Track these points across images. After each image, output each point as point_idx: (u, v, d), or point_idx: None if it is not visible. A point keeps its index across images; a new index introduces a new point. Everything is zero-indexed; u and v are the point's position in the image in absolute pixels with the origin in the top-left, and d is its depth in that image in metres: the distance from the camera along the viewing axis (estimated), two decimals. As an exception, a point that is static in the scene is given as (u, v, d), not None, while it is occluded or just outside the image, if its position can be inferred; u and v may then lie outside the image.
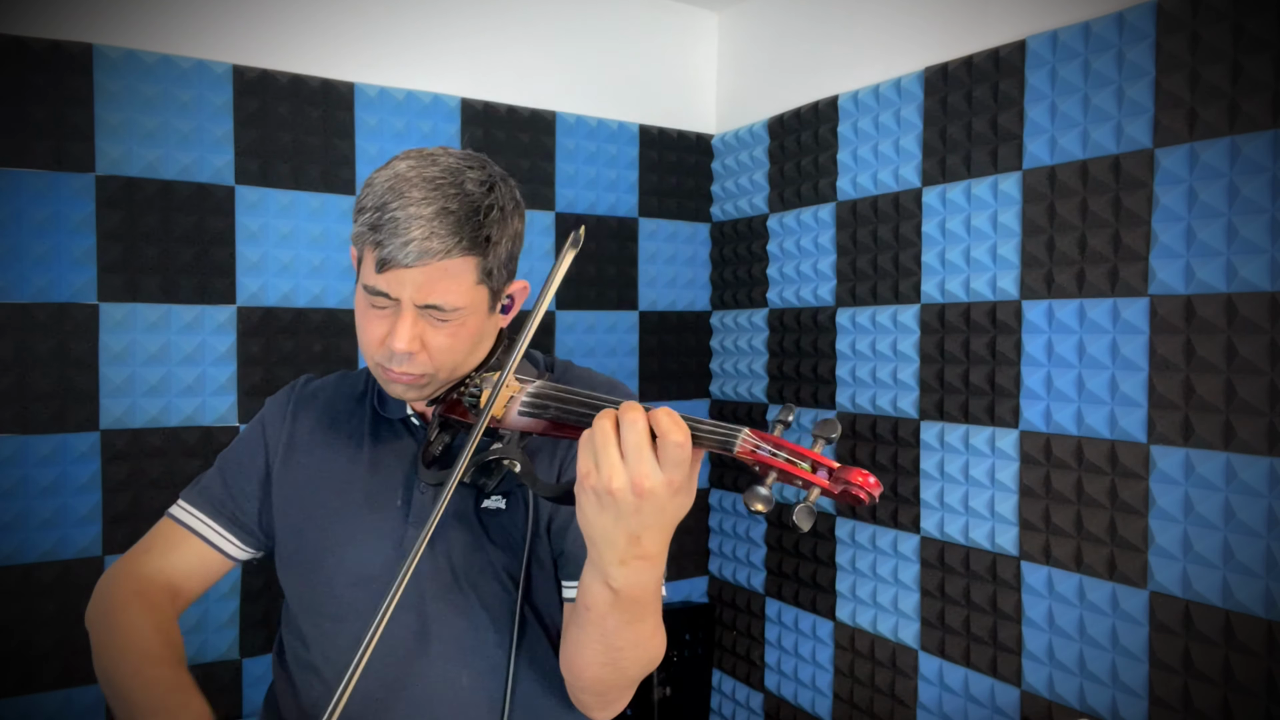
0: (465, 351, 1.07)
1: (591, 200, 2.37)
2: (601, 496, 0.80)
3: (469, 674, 1.09)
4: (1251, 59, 1.41)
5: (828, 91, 2.19)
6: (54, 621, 1.76)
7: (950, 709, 1.87)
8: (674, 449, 0.78)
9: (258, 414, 1.25)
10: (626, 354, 2.45)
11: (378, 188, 1.01)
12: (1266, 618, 1.40)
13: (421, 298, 1.00)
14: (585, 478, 0.81)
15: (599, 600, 0.90)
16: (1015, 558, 1.74)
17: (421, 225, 0.97)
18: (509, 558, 1.10)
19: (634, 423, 0.79)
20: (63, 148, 1.75)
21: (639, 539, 0.82)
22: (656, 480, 0.79)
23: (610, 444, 0.79)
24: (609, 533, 0.82)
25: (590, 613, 0.92)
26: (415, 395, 1.09)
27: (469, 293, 1.02)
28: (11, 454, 1.72)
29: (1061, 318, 1.66)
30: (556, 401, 0.94)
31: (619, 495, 0.79)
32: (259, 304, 1.94)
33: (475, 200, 1.01)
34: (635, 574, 0.85)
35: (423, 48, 2.14)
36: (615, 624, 0.92)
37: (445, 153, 1.05)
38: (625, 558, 0.84)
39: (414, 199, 0.98)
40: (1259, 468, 1.40)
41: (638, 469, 0.78)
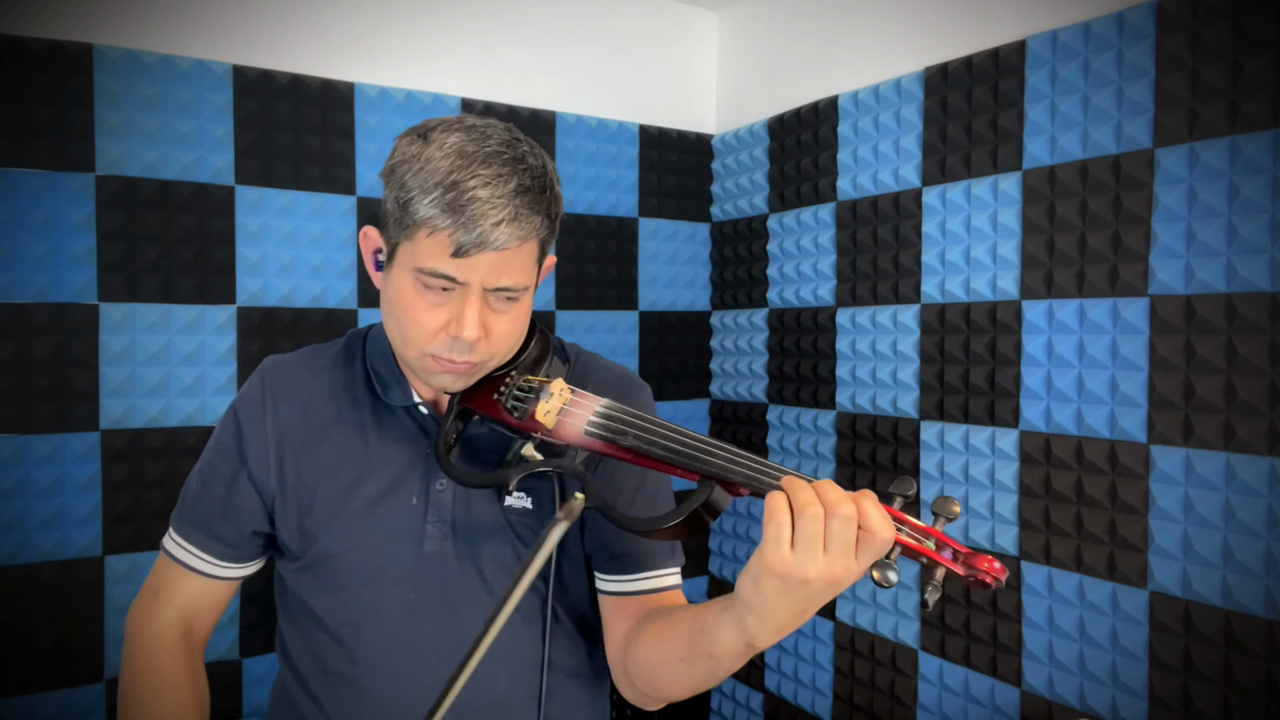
0: (519, 336, 1.04)
1: (591, 200, 2.37)
2: (791, 585, 0.77)
3: (506, 673, 1.09)
4: (1251, 59, 1.41)
5: (828, 91, 2.19)
6: (54, 621, 1.76)
7: (950, 709, 1.87)
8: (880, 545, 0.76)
9: (227, 416, 1.15)
10: (626, 354, 2.45)
11: (435, 165, 0.93)
12: (1266, 618, 1.40)
13: (493, 280, 0.95)
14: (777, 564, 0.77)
15: (731, 651, 0.88)
16: (1015, 558, 1.74)
17: (505, 206, 0.92)
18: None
19: (849, 520, 0.76)
20: (63, 148, 1.75)
21: (805, 613, 0.81)
22: (852, 574, 0.77)
23: (819, 538, 0.76)
24: (784, 610, 0.80)
25: (713, 659, 0.90)
26: (461, 386, 1.03)
27: (531, 271, 0.99)
28: (11, 454, 1.72)
29: (1061, 318, 1.66)
30: (636, 430, 0.90)
31: (814, 584, 0.76)
32: (259, 304, 1.94)
33: (540, 174, 0.97)
34: (783, 636, 0.84)
35: (423, 48, 2.14)
36: (733, 665, 0.91)
37: (485, 123, 0.99)
38: (784, 628, 0.82)
39: (486, 177, 0.92)
40: (1259, 468, 1.40)
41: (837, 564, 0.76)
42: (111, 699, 1.81)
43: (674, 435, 0.89)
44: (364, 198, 2.05)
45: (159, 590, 1.16)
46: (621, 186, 2.42)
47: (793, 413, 2.28)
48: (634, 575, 1.09)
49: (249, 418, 1.13)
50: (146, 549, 1.83)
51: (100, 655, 1.80)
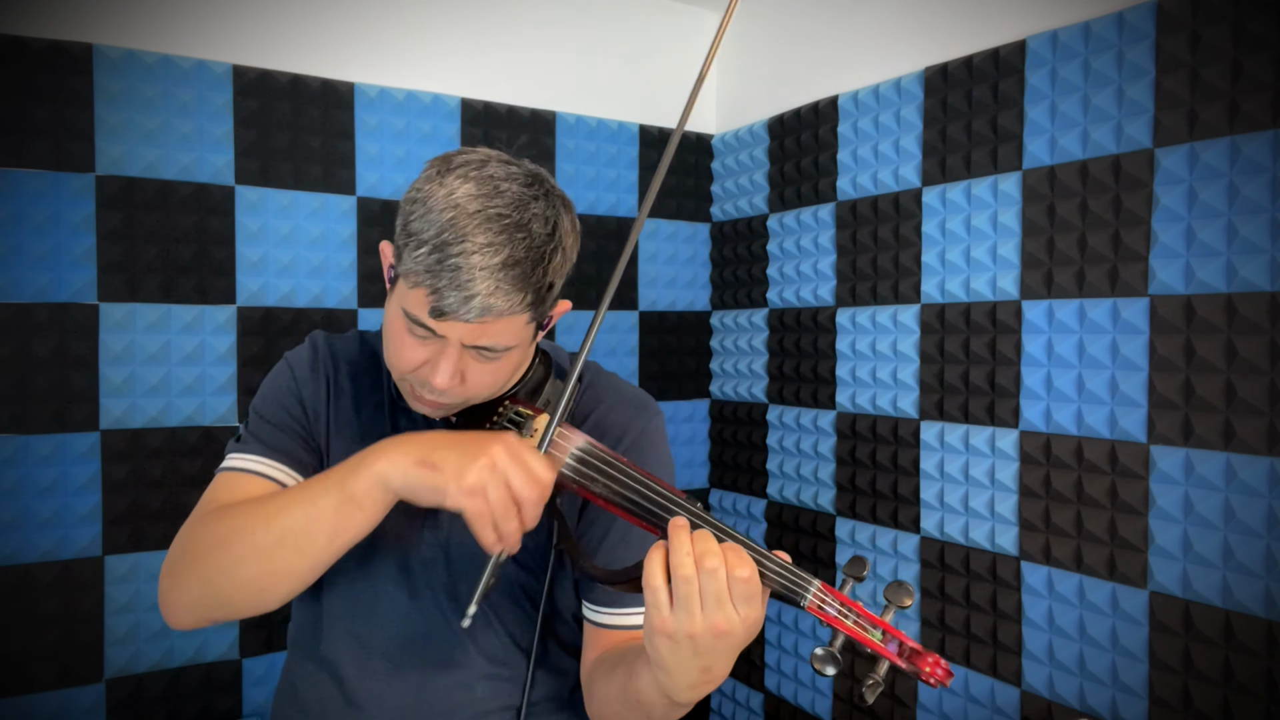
0: (502, 384, 1.03)
1: (591, 200, 2.37)
2: (680, 642, 0.78)
3: (486, 684, 1.09)
4: (1251, 59, 1.41)
5: (828, 91, 2.19)
6: (54, 621, 1.76)
7: (950, 709, 1.87)
8: (741, 585, 0.77)
9: (279, 367, 1.15)
10: (626, 354, 2.45)
11: (435, 216, 0.91)
12: (1266, 618, 1.40)
13: (473, 340, 0.94)
14: (661, 624, 0.78)
15: (656, 704, 0.89)
16: (1015, 558, 1.74)
17: (486, 279, 0.90)
18: (529, 578, 1.10)
19: (714, 573, 0.77)
20: (63, 148, 1.75)
21: (710, 669, 0.81)
22: (734, 623, 0.77)
23: (694, 598, 0.77)
24: (683, 667, 0.81)
25: (642, 706, 0.91)
26: (440, 415, 1.05)
27: (520, 333, 0.98)
28: (11, 454, 1.72)
29: (1061, 318, 1.66)
30: (606, 478, 0.90)
31: (697, 639, 0.78)
32: (259, 304, 1.94)
33: (540, 245, 0.94)
34: (700, 694, 0.85)
35: (423, 48, 2.14)
36: (663, 715, 0.92)
37: (507, 175, 0.96)
38: (695, 684, 0.83)
39: (478, 244, 0.90)
40: (1259, 468, 1.40)
41: (716, 615, 0.77)
42: (112, 699, 1.81)
43: (642, 489, 0.88)
44: (364, 198, 2.05)
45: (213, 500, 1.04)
46: (621, 186, 2.42)
47: (793, 413, 2.28)
48: (613, 610, 1.09)
49: (302, 367, 1.13)
50: (146, 549, 1.83)
51: (100, 655, 1.80)
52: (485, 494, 0.83)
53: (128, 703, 1.83)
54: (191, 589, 0.95)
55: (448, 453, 0.85)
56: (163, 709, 1.87)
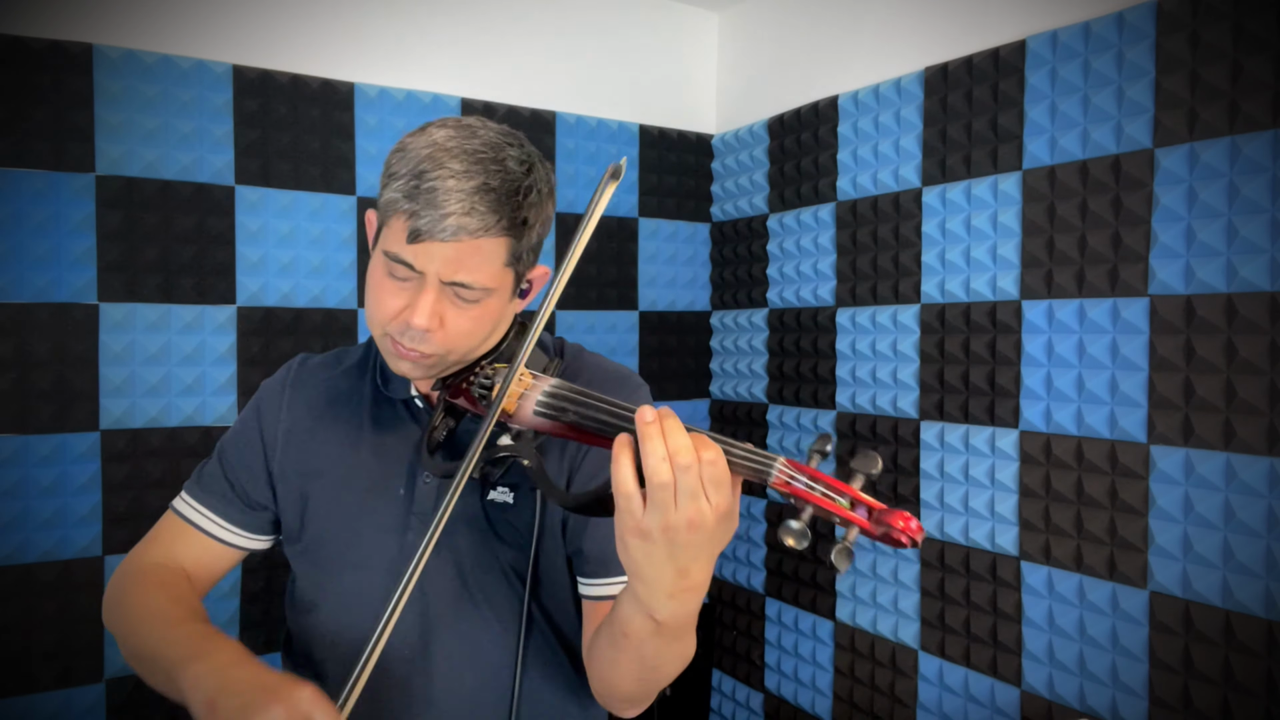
0: (482, 335, 1.04)
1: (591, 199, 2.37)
2: (651, 537, 0.77)
3: (474, 673, 1.09)
4: (1251, 59, 1.41)
5: (828, 91, 2.19)
6: (54, 621, 1.76)
7: (950, 709, 1.87)
8: (709, 469, 0.75)
9: (253, 399, 1.21)
10: (626, 354, 2.45)
11: (413, 154, 0.96)
12: (1266, 618, 1.40)
13: (449, 274, 0.96)
14: (634, 523, 0.77)
15: (640, 630, 0.87)
16: (1015, 558, 1.74)
17: (462, 199, 0.93)
18: (516, 554, 1.09)
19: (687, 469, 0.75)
20: (63, 148, 1.75)
21: (688, 571, 0.80)
22: (707, 514, 0.76)
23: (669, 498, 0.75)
24: (658, 570, 0.79)
25: (629, 639, 0.90)
26: (421, 375, 1.05)
27: (497, 274, 0.99)
28: (11, 454, 1.72)
29: (1061, 318, 1.66)
30: (575, 405, 0.90)
31: (671, 533, 0.76)
32: (259, 304, 1.94)
33: (515, 179, 0.97)
34: (682, 604, 0.83)
35: (423, 48, 2.14)
36: (655, 648, 0.90)
37: (483, 125, 1.01)
38: (674, 591, 0.81)
39: (454, 170, 0.94)
40: (1259, 468, 1.40)
41: (689, 507, 0.75)
42: (111, 699, 1.81)
43: (613, 407, 0.88)
44: (364, 197, 2.05)
45: (157, 538, 1.17)
46: (621, 186, 2.42)
47: (793, 413, 2.28)
48: (605, 579, 1.08)
49: (269, 403, 1.19)
50: (146, 549, 1.83)
51: (100, 655, 1.80)
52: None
53: (128, 703, 1.83)
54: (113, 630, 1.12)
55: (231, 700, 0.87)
56: (163, 709, 1.87)
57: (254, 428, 1.18)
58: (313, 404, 1.17)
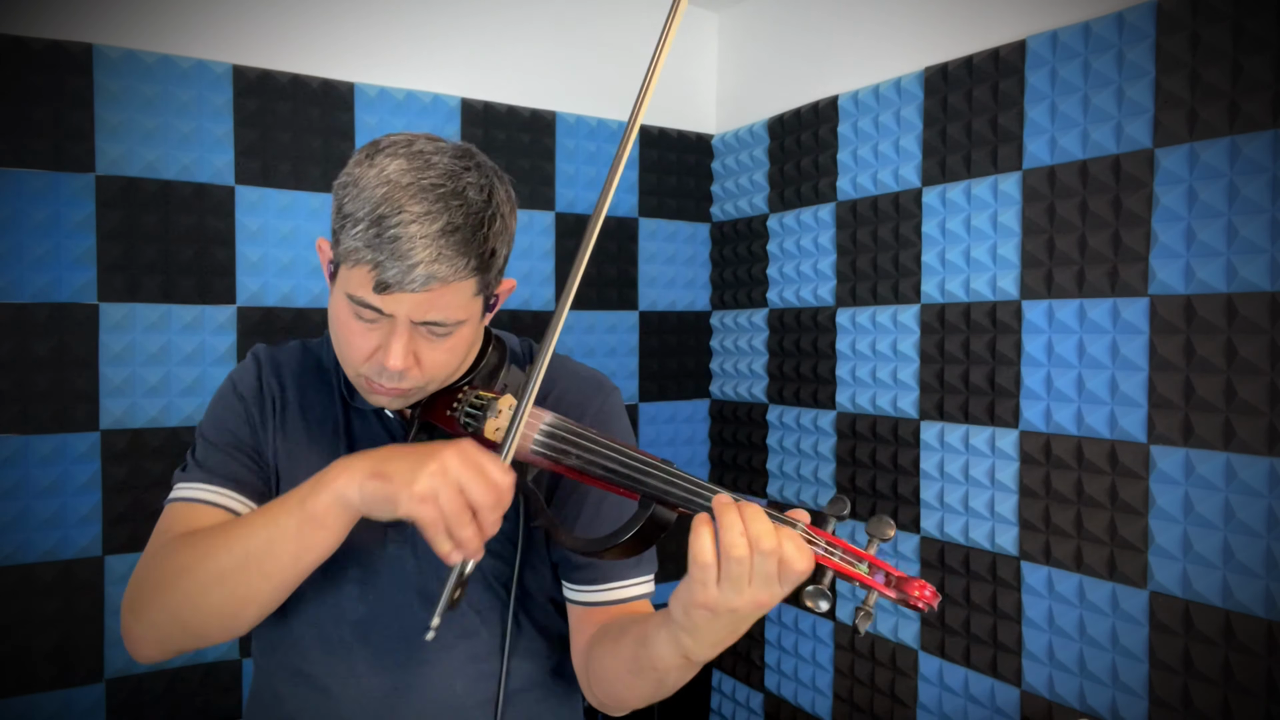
0: (457, 363, 1.02)
1: (591, 200, 2.37)
2: (720, 614, 0.79)
3: (463, 681, 1.09)
4: (1251, 59, 1.41)
5: (828, 91, 2.19)
6: (54, 621, 1.76)
7: (950, 709, 1.87)
8: (796, 577, 0.77)
9: (224, 386, 1.14)
10: (626, 354, 2.44)
11: (368, 194, 0.91)
12: (1266, 618, 1.40)
13: (420, 315, 0.93)
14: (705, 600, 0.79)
15: (672, 664, 0.89)
16: (1015, 558, 1.74)
17: (427, 246, 0.89)
18: (500, 564, 1.09)
19: (770, 554, 0.77)
20: (63, 148, 1.75)
21: (737, 631, 0.83)
22: (777, 596, 0.78)
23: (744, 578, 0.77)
24: (715, 632, 0.82)
25: (656, 671, 0.91)
26: (399, 405, 1.03)
27: (467, 305, 0.96)
28: (11, 454, 1.72)
29: (1061, 318, 1.66)
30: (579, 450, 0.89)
31: (739, 612, 0.78)
32: (259, 304, 1.94)
33: (478, 211, 0.93)
34: (720, 651, 0.85)
35: (423, 48, 2.14)
36: (680, 676, 0.92)
37: (435, 149, 0.96)
38: (719, 644, 0.84)
39: (414, 214, 0.89)
40: (1259, 468, 1.40)
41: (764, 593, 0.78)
42: (111, 699, 1.81)
43: (616, 455, 0.88)
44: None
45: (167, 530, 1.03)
46: (621, 186, 2.42)
47: (793, 413, 2.28)
48: (598, 586, 1.08)
49: (246, 384, 1.12)
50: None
51: (100, 655, 1.80)
52: (436, 500, 0.81)
53: (128, 703, 1.83)
54: (157, 621, 0.94)
55: (399, 463, 0.84)
56: (163, 709, 1.87)
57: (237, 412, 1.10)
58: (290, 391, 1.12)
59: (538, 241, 2.28)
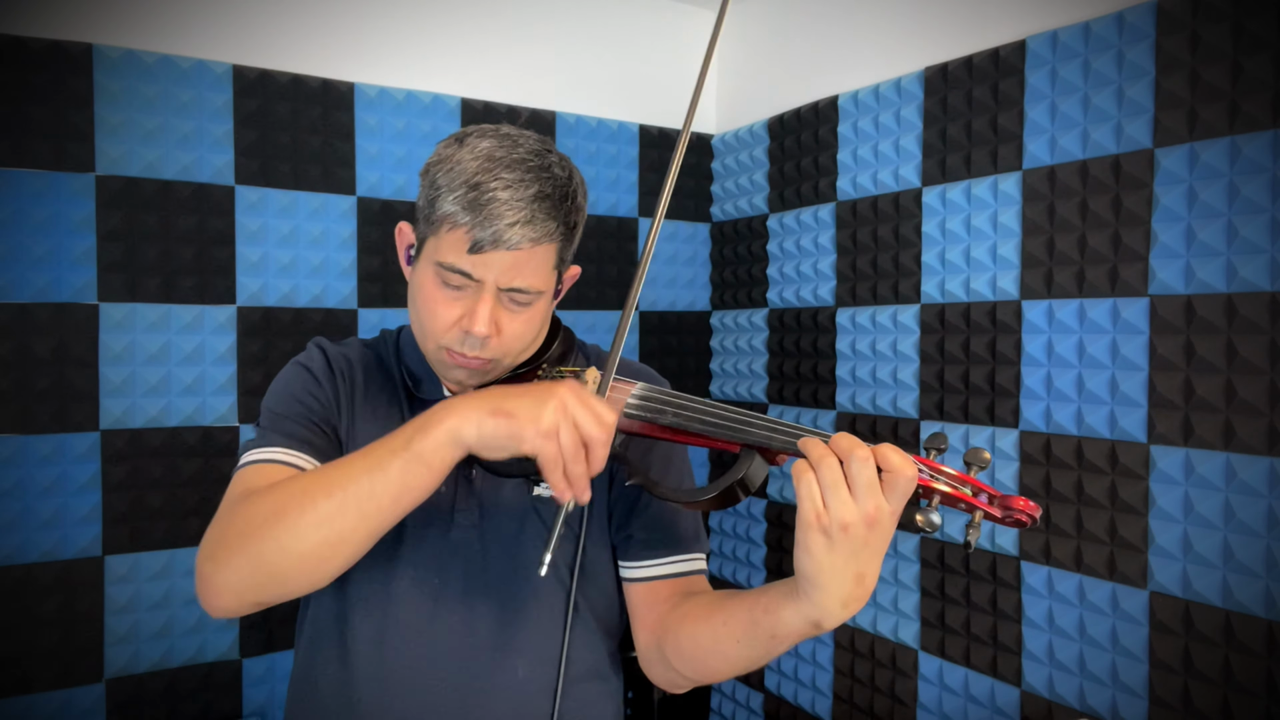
0: (531, 337, 1.08)
1: (591, 200, 2.37)
2: (833, 534, 0.81)
3: (525, 663, 1.10)
4: (1251, 59, 1.41)
5: (828, 91, 2.19)
6: (54, 621, 1.76)
7: (950, 709, 1.87)
8: (905, 483, 0.81)
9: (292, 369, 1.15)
10: (626, 354, 2.45)
11: (463, 166, 0.99)
12: (1266, 618, 1.40)
13: (507, 280, 1.00)
14: (815, 518, 0.81)
15: (794, 631, 0.90)
16: (1015, 558, 1.74)
17: (522, 208, 0.97)
18: (563, 548, 1.11)
19: (865, 460, 0.81)
20: (63, 148, 1.75)
21: (864, 576, 0.84)
22: (885, 513, 0.81)
23: (841, 483, 0.81)
24: (839, 572, 0.83)
25: (777, 641, 0.93)
26: (475, 381, 1.08)
27: (547, 277, 1.03)
28: (11, 454, 1.72)
29: (1061, 318, 1.66)
30: (675, 409, 0.94)
31: (852, 530, 0.80)
32: (259, 304, 1.94)
33: (563, 184, 1.02)
34: (852, 612, 0.86)
35: (423, 48, 2.14)
36: (793, 643, 0.93)
37: (520, 133, 1.05)
38: (849, 600, 0.85)
39: (509, 180, 0.98)
40: (1259, 468, 1.40)
41: (867, 504, 0.80)
42: (111, 699, 1.81)
43: (711, 409, 0.93)
44: (364, 198, 2.05)
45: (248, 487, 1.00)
46: (621, 186, 2.42)
47: (793, 413, 2.28)
48: (666, 558, 1.12)
49: (317, 364, 1.16)
50: (147, 549, 1.83)
51: (100, 655, 1.80)
52: (558, 437, 0.84)
53: (128, 703, 1.83)
54: (242, 568, 0.90)
55: (519, 400, 0.86)
56: (163, 709, 1.87)
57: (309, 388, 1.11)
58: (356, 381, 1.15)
59: (538, 241, 2.28)
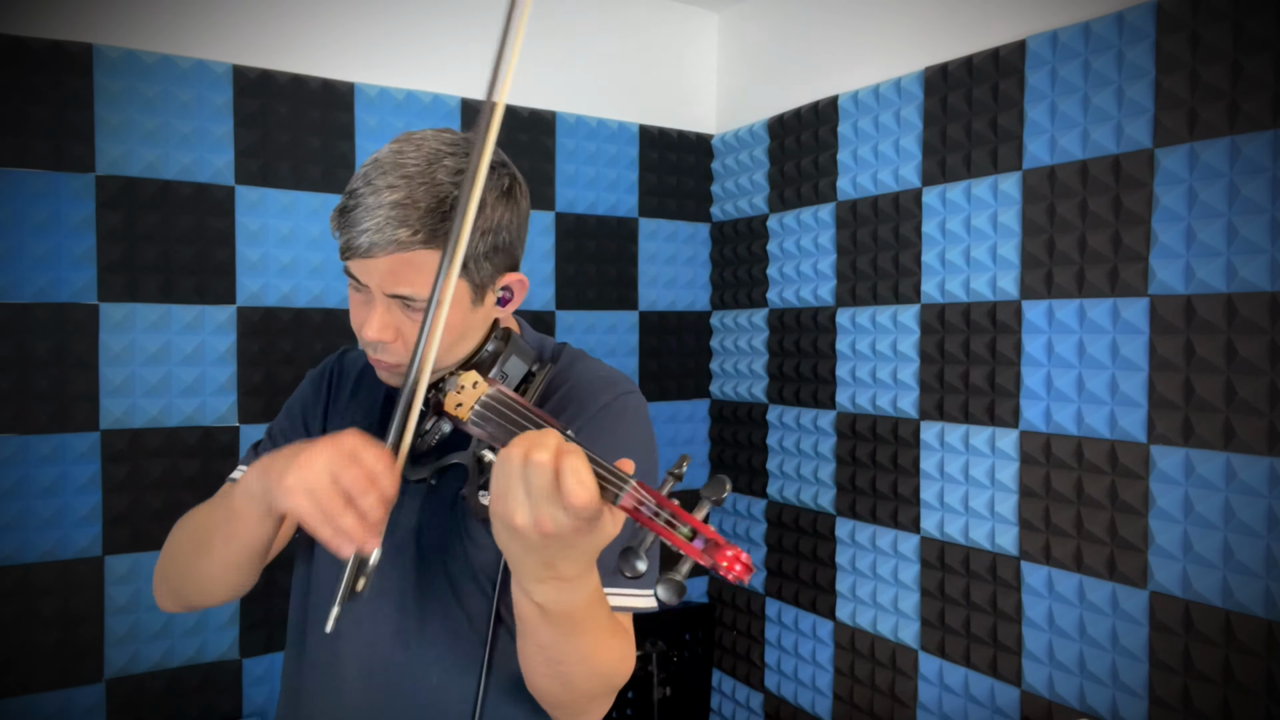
0: (446, 346, 1.04)
1: (591, 200, 2.37)
2: (510, 530, 0.78)
3: (440, 671, 1.09)
4: (1251, 59, 1.41)
5: (828, 91, 2.19)
6: (54, 621, 1.76)
7: (950, 709, 1.87)
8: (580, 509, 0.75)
9: (306, 379, 1.25)
10: (626, 354, 2.44)
11: (358, 171, 1.00)
12: (1266, 618, 1.40)
13: (389, 287, 0.98)
14: (493, 503, 0.79)
15: (527, 613, 0.89)
16: (1015, 558, 1.74)
17: (378, 215, 0.95)
18: (487, 558, 1.10)
19: (539, 466, 0.75)
20: (63, 148, 1.75)
21: (553, 565, 0.81)
22: (561, 524, 0.76)
23: (516, 480, 0.76)
24: (519, 558, 0.81)
25: (523, 624, 0.91)
26: (394, 383, 1.07)
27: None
28: (11, 454, 1.72)
29: (1061, 318, 1.66)
30: (500, 417, 0.90)
31: (522, 531, 0.77)
32: (259, 304, 1.94)
33: (443, 191, 0.97)
34: (555, 593, 0.84)
35: (423, 48, 2.14)
36: (549, 638, 0.90)
37: (435, 136, 1.02)
38: (541, 578, 0.83)
39: (379, 187, 0.96)
40: (1259, 468, 1.40)
41: (541, 511, 0.76)
42: (111, 699, 1.81)
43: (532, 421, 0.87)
44: (364, 198, 2.05)
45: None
46: (621, 186, 2.42)
47: (793, 413, 2.28)
48: None
49: (311, 390, 1.23)
50: (146, 549, 1.83)
51: (100, 655, 1.80)
52: (307, 493, 0.83)
53: (128, 703, 1.83)
54: (169, 591, 1.11)
55: (279, 459, 0.87)
56: (163, 709, 1.87)
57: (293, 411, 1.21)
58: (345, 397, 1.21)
59: (537, 241, 2.28)
